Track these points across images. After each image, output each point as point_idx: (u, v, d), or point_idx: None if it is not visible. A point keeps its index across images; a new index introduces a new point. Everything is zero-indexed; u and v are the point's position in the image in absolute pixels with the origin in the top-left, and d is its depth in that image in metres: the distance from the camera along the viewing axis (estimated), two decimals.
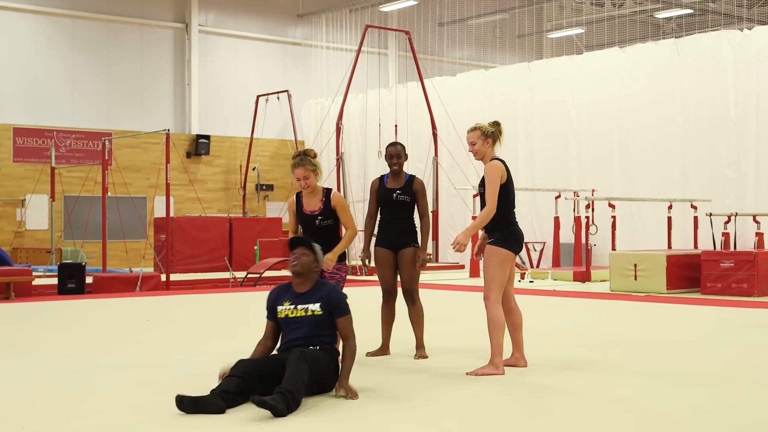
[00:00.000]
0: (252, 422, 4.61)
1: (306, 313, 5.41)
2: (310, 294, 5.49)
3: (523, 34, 28.91)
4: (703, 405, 5.11)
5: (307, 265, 5.49)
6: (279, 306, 5.51)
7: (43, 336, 8.63)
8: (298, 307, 5.44)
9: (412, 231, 6.97)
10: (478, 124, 6.23)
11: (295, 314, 5.42)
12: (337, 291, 5.52)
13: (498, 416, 4.86)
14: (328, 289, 5.51)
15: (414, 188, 6.92)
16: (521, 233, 6.17)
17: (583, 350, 7.29)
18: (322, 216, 6.24)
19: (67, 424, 4.68)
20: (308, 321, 5.39)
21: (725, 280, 12.38)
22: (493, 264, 6.04)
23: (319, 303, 5.43)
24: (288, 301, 5.50)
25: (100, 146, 21.58)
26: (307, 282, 5.52)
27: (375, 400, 5.23)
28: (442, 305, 11.45)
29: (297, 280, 5.52)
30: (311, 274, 5.53)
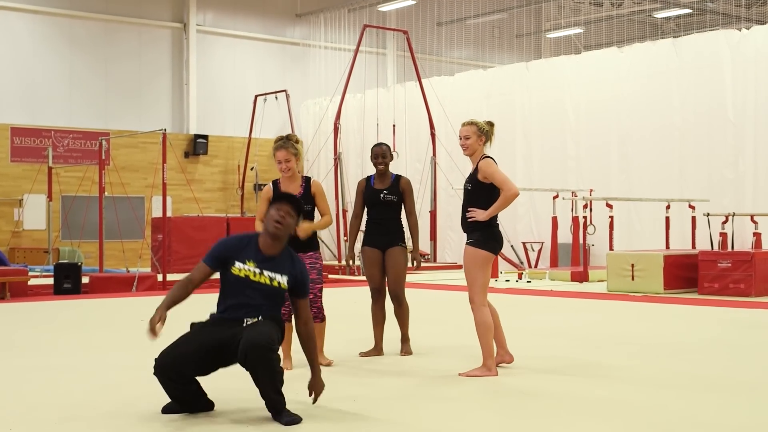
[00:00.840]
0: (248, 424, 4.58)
1: (270, 283, 4.78)
2: (279, 263, 4.84)
3: (521, 34, 28.88)
4: (698, 406, 5.08)
5: (289, 228, 4.88)
6: (239, 263, 4.80)
7: (37, 336, 8.59)
8: (264, 273, 4.79)
9: (399, 231, 6.98)
10: (475, 120, 6.20)
11: (257, 279, 4.78)
12: (306, 270, 4.99)
13: (490, 418, 4.83)
14: (299, 266, 4.92)
15: (401, 188, 6.92)
16: (501, 234, 6.13)
17: (578, 351, 7.26)
18: (302, 200, 6.19)
19: (55, 425, 4.65)
20: (267, 290, 4.79)
21: (722, 281, 12.35)
22: (474, 265, 5.99)
23: (287, 277, 4.83)
24: (253, 262, 4.81)
25: (97, 146, 21.61)
26: (278, 246, 4.87)
27: (367, 402, 5.20)
28: (439, 305, 11.43)
29: (269, 242, 4.85)
30: (285, 239, 4.92)
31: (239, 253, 4.80)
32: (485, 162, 6.04)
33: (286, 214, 4.80)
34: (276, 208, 4.81)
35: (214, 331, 4.72)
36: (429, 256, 20.74)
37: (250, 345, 4.49)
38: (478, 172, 6.05)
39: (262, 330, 4.58)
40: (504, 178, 5.97)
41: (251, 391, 4.75)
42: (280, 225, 4.78)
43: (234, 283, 4.78)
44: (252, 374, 4.57)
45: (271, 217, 4.79)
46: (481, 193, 6.03)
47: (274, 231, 4.79)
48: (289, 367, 6.29)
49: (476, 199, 6.04)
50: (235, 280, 4.76)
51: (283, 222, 4.79)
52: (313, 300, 6.34)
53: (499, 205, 5.94)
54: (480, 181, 6.03)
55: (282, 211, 4.79)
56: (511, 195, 5.92)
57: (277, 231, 4.78)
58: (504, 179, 5.97)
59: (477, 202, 6.03)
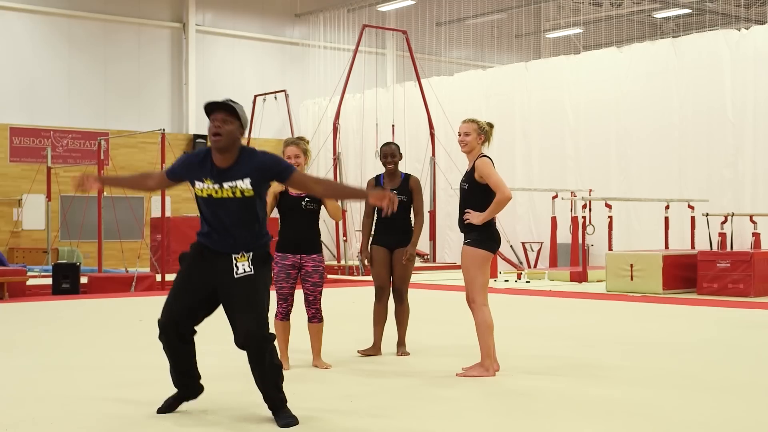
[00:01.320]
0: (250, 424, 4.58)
1: (233, 193, 4.55)
2: (236, 169, 4.58)
3: (521, 34, 28.88)
4: (696, 406, 5.08)
5: (232, 134, 4.56)
6: (198, 182, 4.62)
7: (35, 336, 8.58)
8: (224, 185, 4.56)
9: (408, 231, 6.98)
10: (476, 119, 6.21)
11: (220, 194, 4.57)
12: (269, 154, 4.69)
13: (487, 418, 4.82)
14: (258, 157, 4.62)
15: (410, 187, 6.94)
16: (498, 233, 6.13)
17: (577, 351, 7.25)
18: (309, 198, 6.23)
19: (51, 425, 4.64)
20: (237, 203, 4.57)
21: (721, 281, 12.34)
22: (473, 265, 5.99)
23: (248, 178, 4.56)
24: (209, 179, 4.59)
25: (96, 146, 21.59)
26: (229, 156, 4.59)
27: (363, 403, 5.19)
28: (439, 305, 11.42)
29: (219, 156, 4.59)
30: (235, 145, 4.61)
31: (197, 173, 4.62)
32: (482, 161, 6.04)
33: (221, 122, 4.54)
34: (210, 121, 4.56)
35: (204, 273, 4.63)
36: (428, 256, 20.74)
37: (247, 336, 4.49)
38: (474, 170, 6.04)
39: (257, 317, 4.52)
40: (498, 181, 5.97)
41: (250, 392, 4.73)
42: (219, 136, 4.52)
43: (205, 205, 4.64)
44: (251, 364, 4.58)
45: (210, 131, 4.56)
46: (477, 193, 6.03)
47: (216, 145, 4.55)
48: (287, 367, 6.28)
49: (473, 198, 6.04)
50: (204, 201, 4.63)
51: (221, 131, 4.52)
52: (312, 301, 6.34)
53: (493, 210, 5.95)
54: (476, 180, 6.02)
55: (217, 121, 4.54)
56: (504, 199, 5.91)
57: (219, 142, 4.53)
58: (498, 182, 5.96)
59: (474, 202, 6.03)
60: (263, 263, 4.64)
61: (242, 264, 4.57)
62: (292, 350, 6.49)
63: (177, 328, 4.64)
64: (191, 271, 4.68)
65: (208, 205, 4.62)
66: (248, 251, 4.60)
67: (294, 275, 6.27)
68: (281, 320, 6.33)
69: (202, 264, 4.65)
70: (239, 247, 4.59)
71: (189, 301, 4.64)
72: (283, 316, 6.33)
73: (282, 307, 6.31)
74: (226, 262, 4.58)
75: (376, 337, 7.05)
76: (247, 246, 4.61)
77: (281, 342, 6.33)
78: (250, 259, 4.58)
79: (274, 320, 6.31)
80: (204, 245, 4.68)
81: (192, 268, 4.68)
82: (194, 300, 4.64)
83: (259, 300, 4.56)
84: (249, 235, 4.62)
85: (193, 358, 4.79)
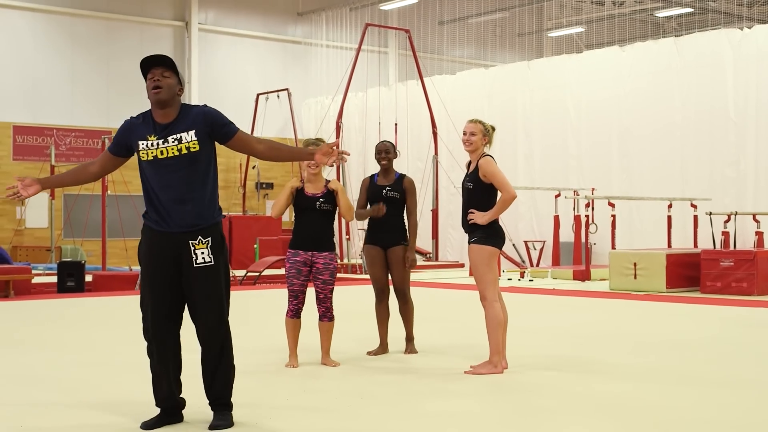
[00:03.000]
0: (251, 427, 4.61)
1: (179, 151, 4.39)
2: (178, 123, 4.44)
3: (523, 33, 28.89)
4: (700, 404, 5.11)
5: (172, 88, 4.43)
6: (141, 142, 4.43)
7: (42, 333, 8.62)
8: (168, 139, 4.40)
9: (401, 229, 6.98)
10: (481, 120, 6.28)
11: (166, 154, 4.39)
12: (213, 108, 4.57)
13: (498, 414, 4.86)
14: (199, 109, 4.52)
15: (404, 186, 6.94)
16: (502, 229, 6.18)
17: (583, 349, 7.30)
18: (324, 199, 6.30)
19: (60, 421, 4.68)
20: (184, 162, 4.40)
21: (725, 279, 12.38)
22: (480, 263, 6.04)
23: (192, 130, 4.42)
24: (153, 135, 4.42)
25: (99, 144, 21.64)
26: (170, 111, 4.46)
27: (373, 400, 5.23)
28: (442, 304, 11.45)
29: (159, 112, 4.45)
30: (175, 100, 4.47)
31: (140, 131, 4.46)
32: (485, 160, 6.09)
33: (160, 76, 4.40)
34: (149, 77, 4.41)
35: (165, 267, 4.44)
36: (431, 255, 20.77)
37: (209, 331, 4.46)
38: (478, 170, 6.09)
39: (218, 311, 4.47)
40: (503, 180, 6.02)
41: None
42: (159, 89, 4.38)
43: (150, 172, 4.43)
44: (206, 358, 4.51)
45: (149, 87, 4.41)
46: (481, 192, 6.08)
47: (157, 97, 4.39)
48: (296, 365, 6.32)
49: (477, 197, 6.09)
50: (148, 167, 4.43)
51: (162, 84, 4.39)
52: (323, 299, 6.35)
53: (498, 209, 6.01)
54: (481, 179, 6.08)
55: (156, 75, 4.40)
56: (509, 198, 5.98)
57: (159, 95, 4.38)
58: (503, 181, 6.02)
59: (478, 201, 6.08)
60: (221, 249, 4.50)
61: (201, 252, 4.44)
62: (302, 349, 6.52)
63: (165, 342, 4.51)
64: (154, 272, 4.48)
65: (154, 171, 4.41)
66: (202, 227, 4.45)
67: (305, 272, 6.29)
68: (292, 318, 6.34)
69: (159, 258, 4.46)
70: (191, 218, 4.42)
71: (164, 308, 4.48)
72: (294, 314, 6.34)
73: (293, 305, 6.32)
74: (184, 249, 4.44)
75: (382, 336, 7.07)
76: (200, 216, 4.45)
77: (291, 340, 6.36)
78: (209, 246, 4.46)
79: (285, 318, 6.36)
80: (154, 231, 4.48)
81: (154, 268, 4.48)
82: (167, 303, 4.48)
83: (221, 293, 4.50)
84: (200, 205, 4.45)
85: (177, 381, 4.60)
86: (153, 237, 4.50)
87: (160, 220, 4.46)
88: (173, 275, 4.47)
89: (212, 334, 4.49)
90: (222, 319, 4.52)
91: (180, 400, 4.63)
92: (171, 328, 4.53)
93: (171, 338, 4.54)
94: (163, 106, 4.44)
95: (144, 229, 4.57)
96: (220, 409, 4.53)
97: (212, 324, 4.49)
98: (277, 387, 5.62)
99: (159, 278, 4.47)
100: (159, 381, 4.55)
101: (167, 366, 4.53)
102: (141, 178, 4.51)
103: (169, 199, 4.42)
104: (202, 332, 4.51)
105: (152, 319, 4.49)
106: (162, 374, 4.53)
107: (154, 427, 4.50)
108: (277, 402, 5.16)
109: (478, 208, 6.04)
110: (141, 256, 4.57)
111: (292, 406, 5.08)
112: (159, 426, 4.52)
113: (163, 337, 4.51)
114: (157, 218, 4.47)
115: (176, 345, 4.57)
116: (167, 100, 4.42)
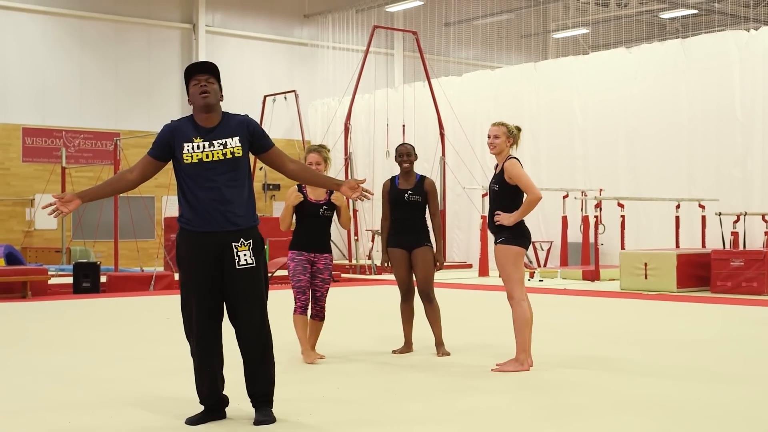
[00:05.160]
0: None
1: (224, 155, 4.52)
2: (223, 128, 4.59)
3: (528, 35, 29.03)
4: (723, 402, 5.22)
5: (217, 93, 4.60)
6: (186, 144, 4.53)
7: (72, 334, 8.74)
8: (214, 143, 4.53)
9: (424, 230, 7.09)
10: (505, 122, 6.43)
11: (211, 157, 4.50)
12: (251, 118, 4.72)
13: (527, 412, 4.97)
14: (243, 118, 4.67)
15: (425, 188, 7.05)
16: (528, 230, 6.31)
17: (601, 347, 7.41)
18: (326, 206, 6.66)
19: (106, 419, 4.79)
20: (228, 166, 4.54)
21: (735, 279, 12.50)
22: (507, 262, 6.18)
23: (237, 137, 4.57)
24: (199, 137, 4.54)
25: (107, 146, 21.76)
26: (214, 116, 4.61)
27: (400, 398, 5.35)
28: (454, 304, 11.55)
29: (203, 116, 4.59)
30: (219, 105, 4.62)
31: (185, 133, 4.56)
32: (511, 163, 6.23)
33: (206, 81, 4.57)
34: (195, 81, 4.57)
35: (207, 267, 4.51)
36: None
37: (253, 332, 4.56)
38: (504, 172, 6.23)
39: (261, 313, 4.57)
40: (529, 182, 6.16)
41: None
42: (207, 93, 4.54)
43: (192, 174, 4.51)
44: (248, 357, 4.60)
45: (195, 91, 4.55)
46: (507, 194, 6.22)
47: (204, 101, 4.54)
48: (313, 360, 6.54)
49: (503, 199, 6.23)
50: (191, 169, 4.51)
51: (209, 89, 4.55)
52: (319, 298, 6.69)
53: (524, 210, 6.14)
54: (506, 181, 6.21)
55: (202, 81, 4.56)
56: (535, 199, 6.11)
57: (207, 99, 4.54)
58: (528, 183, 6.15)
59: (503, 202, 6.22)
60: (261, 251, 4.61)
61: (243, 253, 4.54)
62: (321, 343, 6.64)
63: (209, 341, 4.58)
64: (196, 273, 4.54)
65: (197, 173, 4.50)
66: (243, 229, 4.54)
67: (309, 269, 6.64)
68: (301, 314, 6.59)
69: (201, 259, 4.53)
70: (232, 219, 4.52)
71: (207, 308, 4.54)
72: (302, 310, 6.59)
73: (300, 301, 6.57)
74: (226, 251, 4.52)
75: (407, 335, 7.18)
76: (242, 218, 4.55)
77: (302, 336, 6.61)
78: (251, 248, 4.57)
79: (293, 315, 6.55)
80: (195, 233, 4.55)
81: (196, 270, 4.54)
82: (210, 302, 4.55)
83: (261, 294, 4.61)
84: (241, 208, 4.56)
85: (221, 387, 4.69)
86: (194, 239, 4.58)
87: (202, 222, 4.54)
88: (215, 276, 4.56)
89: (255, 335, 4.60)
90: (263, 320, 4.63)
91: (223, 397, 4.75)
92: (214, 326, 4.63)
93: (214, 337, 4.64)
94: (209, 111, 4.58)
95: (182, 234, 4.64)
96: (262, 405, 4.65)
97: (255, 324, 4.59)
98: (310, 383, 5.75)
99: (202, 279, 4.55)
100: (202, 379, 4.66)
101: (211, 364, 4.64)
102: (178, 180, 4.60)
103: (211, 201, 4.51)
104: (244, 333, 4.60)
105: (196, 319, 4.59)
106: (205, 373, 4.64)
107: (198, 423, 4.62)
108: (314, 398, 5.28)
109: (504, 209, 6.18)
110: (181, 260, 4.64)
111: (329, 401, 5.20)
112: (203, 422, 4.64)
113: (206, 336, 4.60)
114: (197, 220, 4.55)
115: (219, 344, 4.67)
116: (213, 104, 4.57)
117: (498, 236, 6.23)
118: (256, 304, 4.60)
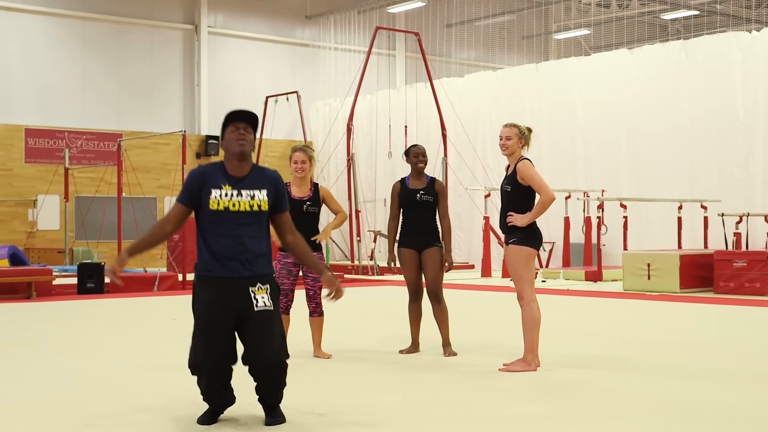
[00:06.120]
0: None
1: (251, 206, 4.55)
2: (252, 179, 4.61)
3: (529, 36, 29.05)
4: (730, 401, 5.25)
5: (252, 143, 4.64)
6: (214, 189, 4.53)
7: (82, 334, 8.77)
8: (243, 192, 4.55)
9: (434, 231, 7.13)
10: (517, 124, 6.47)
11: (237, 207, 4.53)
12: (280, 179, 4.73)
13: (531, 412, 5.00)
14: (273, 175, 4.68)
15: (436, 189, 7.09)
16: (539, 231, 6.35)
17: (608, 347, 7.44)
18: (310, 202, 6.77)
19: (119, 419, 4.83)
20: (252, 217, 4.56)
21: (738, 280, 12.54)
22: (519, 263, 6.21)
23: (265, 190, 4.60)
24: (228, 184, 4.56)
25: (110, 147, 21.78)
26: (245, 165, 4.63)
27: (407, 398, 5.38)
28: (458, 305, 11.57)
29: (235, 163, 4.61)
30: (251, 156, 4.67)
31: (214, 179, 4.57)
32: (523, 164, 6.27)
33: (244, 130, 4.61)
34: (234, 128, 4.61)
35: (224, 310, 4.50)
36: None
37: (268, 366, 4.53)
38: (516, 173, 6.26)
39: (277, 347, 4.54)
40: (542, 183, 6.20)
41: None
42: (244, 141, 4.58)
43: (215, 221, 4.52)
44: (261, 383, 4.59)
45: (232, 137, 4.58)
46: (520, 194, 6.25)
47: (240, 149, 4.56)
48: (327, 356, 6.74)
49: (515, 199, 6.26)
50: (216, 216, 4.52)
51: (246, 138, 4.60)
52: (313, 296, 6.86)
53: (537, 211, 6.17)
54: (519, 182, 6.24)
55: (241, 129, 4.60)
56: (549, 200, 6.14)
57: (243, 147, 4.56)
58: (542, 184, 6.19)
59: (516, 203, 6.25)
60: (277, 297, 4.64)
61: (261, 297, 4.55)
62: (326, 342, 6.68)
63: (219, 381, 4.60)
64: (212, 319, 4.51)
65: (221, 221, 4.51)
66: (260, 275, 4.57)
67: (295, 272, 6.77)
68: (282, 314, 6.62)
69: (221, 304, 4.51)
70: (250, 267, 4.54)
71: (222, 347, 4.51)
72: (283, 311, 6.72)
73: (282, 303, 6.69)
74: (244, 294, 4.52)
75: (414, 335, 7.22)
76: (259, 266, 4.58)
77: (316, 335, 6.86)
78: (268, 292, 4.58)
79: None
80: (214, 279, 4.54)
81: (214, 316, 4.51)
82: (225, 341, 4.52)
83: (277, 332, 4.59)
84: (260, 257, 4.58)
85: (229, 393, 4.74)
86: (213, 285, 4.55)
87: (221, 268, 4.53)
88: (229, 321, 4.52)
89: (270, 374, 4.55)
90: (279, 354, 4.56)
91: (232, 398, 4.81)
92: (227, 370, 4.60)
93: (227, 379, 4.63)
94: (242, 159, 4.60)
95: (199, 281, 4.61)
96: (272, 405, 4.69)
97: (271, 360, 4.53)
98: (317, 383, 5.78)
99: (221, 324, 4.51)
100: (210, 397, 4.68)
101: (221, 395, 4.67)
102: (198, 226, 4.59)
103: (231, 249, 4.52)
104: (260, 372, 4.55)
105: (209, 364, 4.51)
106: (213, 393, 4.66)
107: (210, 423, 4.66)
108: (322, 398, 5.31)
109: (517, 210, 6.21)
110: (198, 306, 4.57)
111: (338, 401, 5.23)
112: (214, 421, 4.68)
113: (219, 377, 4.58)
114: (216, 266, 4.54)
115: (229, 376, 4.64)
116: (248, 153, 4.61)
117: (510, 237, 6.27)
118: (273, 346, 4.53)
